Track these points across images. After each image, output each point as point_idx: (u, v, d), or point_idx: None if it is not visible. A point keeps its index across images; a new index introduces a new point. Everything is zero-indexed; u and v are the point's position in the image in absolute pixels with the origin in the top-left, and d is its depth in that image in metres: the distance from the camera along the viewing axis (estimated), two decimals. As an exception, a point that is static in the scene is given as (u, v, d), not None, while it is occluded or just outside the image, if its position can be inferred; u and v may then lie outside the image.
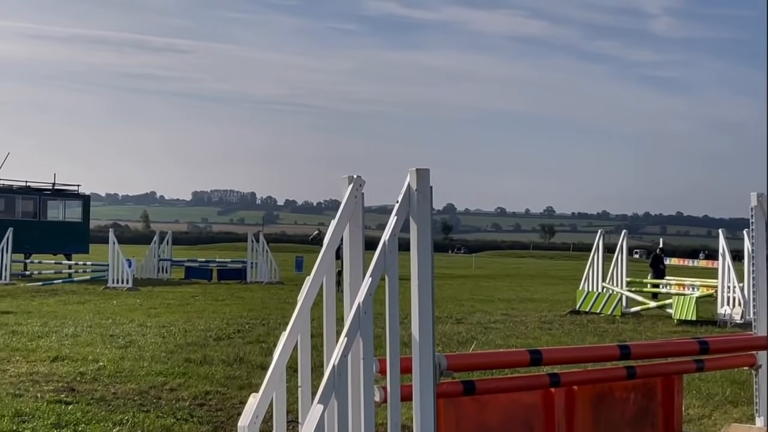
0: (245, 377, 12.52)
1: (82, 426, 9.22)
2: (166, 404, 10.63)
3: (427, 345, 6.35)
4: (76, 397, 10.90)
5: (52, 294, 29.07)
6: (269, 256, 39.51)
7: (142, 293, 30.05)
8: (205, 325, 19.23)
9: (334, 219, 6.66)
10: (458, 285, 40.99)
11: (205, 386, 11.75)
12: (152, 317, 21.08)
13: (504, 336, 18.63)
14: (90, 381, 12.06)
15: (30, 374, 12.47)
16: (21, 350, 14.84)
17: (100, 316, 21.03)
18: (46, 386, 11.55)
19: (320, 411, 5.86)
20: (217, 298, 28.50)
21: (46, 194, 42.82)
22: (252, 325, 19.45)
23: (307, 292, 6.56)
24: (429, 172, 6.44)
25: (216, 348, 15.54)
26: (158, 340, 16.50)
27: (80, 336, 17.04)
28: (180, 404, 10.64)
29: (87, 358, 13.91)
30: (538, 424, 7.71)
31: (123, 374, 12.58)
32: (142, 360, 13.93)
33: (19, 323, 19.14)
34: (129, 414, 9.90)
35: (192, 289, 33.00)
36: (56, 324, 19.05)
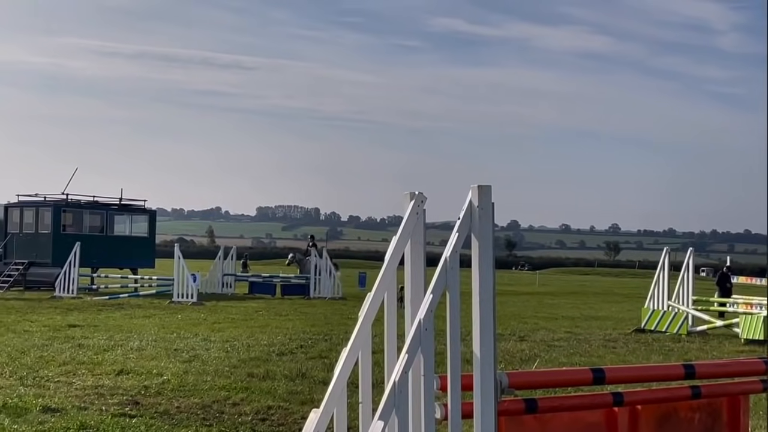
0: (307, 392, 12.55)
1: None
2: (229, 419, 10.70)
3: (489, 362, 6.32)
4: (140, 410, 11.01)
5: (118, 308, 29.41)
6: (333, 272, 39.62)
7: (207, 308, 30.28)
8: (268, 340, 19.32)
9: (395, 235, 6.67)
10: (521, 302, 40.77)
11: (268, 401, 11.80)
12: (216, 332, 21.23)
13: (567, 354, 18.48)
14: (154, 395, 12.18)
15: (95, 387, 12.62)
16: (87, 363, 15.03)
17: (164, 330, 21.23)
18: (111, 399, 11.68)
19: (381, 427, 5.85)
20: (281, 313, 28.62)
21: (114, 209, 43.35)
22: (314, 341, 19.50)
23: (369, 308, 6.56)
24: (491, 188, 6.43)
25: (279, 363, 15.60)
26: (222, 355, 16.61)
27: (145, 350, 17.22)
28: (242, 419, 10.71)
29: (151, 372, 14.05)
30: (601, 444, 7.63)
31: (186, 388, 12.68)
32: (205, 374, 14.03)
33: (85, 336, 19.39)
34: (192, 428, 9.99)
35: (256, 304, 33.18)
36: (122, 338, 19.26)
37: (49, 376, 13.57)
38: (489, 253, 6.37)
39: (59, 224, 40.73)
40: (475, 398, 6.35)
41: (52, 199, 41.55)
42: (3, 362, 14.95)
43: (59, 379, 13.25)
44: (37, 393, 11.94)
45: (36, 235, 40.86)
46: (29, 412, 10.49)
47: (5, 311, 26.62)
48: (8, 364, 14.78)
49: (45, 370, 14.20)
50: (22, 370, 14.03)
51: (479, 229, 6.34)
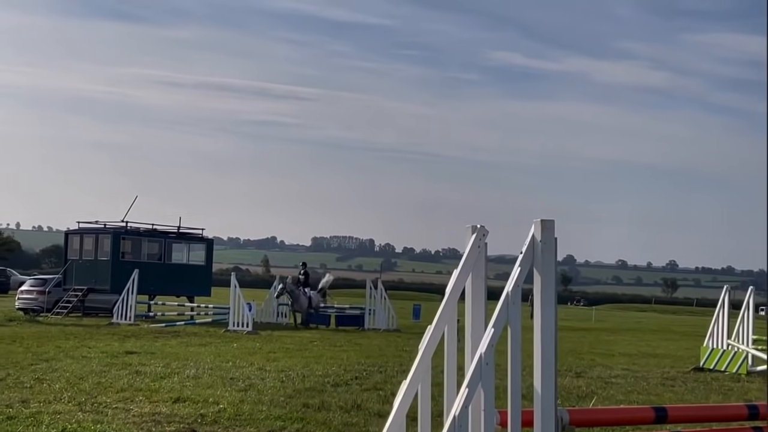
0: (363, 424, 12.52)
1: (203, 467, 9.33)
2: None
3: (549, 398, 6.28)
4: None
5: (175, 335, 29.62)
6: (387, 304, 39.57)
7: (262, 337, 30.39)
8: (323, 371, 19.34)
9: (456, 268, 6.67)
10: (578, 338, 40.41)
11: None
12: (271, 361, 21.28)
13: (625, 392, 18.26)
14: (210, 423, 12.22)
15: (152, 414, 12.69)
16: (144, 390, 15.13)
17: (220, 359, 21.32)
18: (168, 427, 11.74)
19: (440, 462, 5.83)
20: (335, 344, 28.62)
21: (171, 237, 43.71)
22: (369, 372, 19.47)
23: (429, 340, 6.56)
24: (554, 223, 6.42)
25: (334, 394, 15.60)
26: (277, 384, 16.64)
27: (201, 378, 17.31)
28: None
29: (208, 400, 14.10)
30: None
31: (242, 417, 12.71)
32: (261, 404, 14.06)
33: (142, 363, 19.54)
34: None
35: (310, 334, 33.24)
36: (178, 365, 19.38)
37: (107, 402, 13.68)
38: (551, 288, 6.34)
39: (118, 251, 41.14)
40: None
41: (111, 226, 42.01)
42: (62, 388, 15.11)
43: (117, 406, 13.35)
44: (95, 419, 12.04)
45: (95, 262, 41.31)
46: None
47: (64, 337, 26.95)
48: (67, 389, 14.93)
49: (103, 396, 14.32)
50: (81, 396, 14.16)
51: (542, 264, 6.32)
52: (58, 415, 12.27)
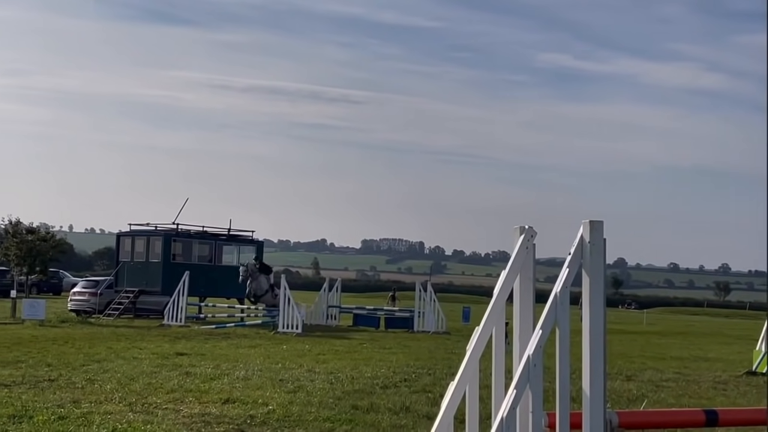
0: (411, 426, 12.52)
1: (251, 468, 9.37)
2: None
3: (598, 401, 6.24)
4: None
5: (225, 337, 29.79)
6: (436, 306, 39.51)
7: (311, 339, 30.47)
8: (372, 373, 19.35)
9: (504, 270, 6.64)
10: (629, 341, 40.10)
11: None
12: (320, 363, 21.34)
13: (676, 395, 18.10)
14: (259, 424, 12.28)
15: (202, 415, 12.77)
16: (194, 391, 15.24)
17: (270, 361, 21.42)
18: (217, 428, 11.81)
19: (487, 464, 5.81)
20: (384, 346, 28.63)
21: (222, 239, 43.97)
22: (418, 375, 19.47)
23: (476, 342, 6.54)
24: (602, 224, 6.37)
25: (383, 396, 15.61)
26: (326, 386, 16.68)
27: (251, 379, 17.40)
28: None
29: (257, 402, 14.18)
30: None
31: (291, 419, 12.76)
32: (310, 405, 14.10)
33: (192, 365, 19.68)
34: (296, 458, 10.03)
35: (359, 336, 33.27)
36: (228, 367, 19.49)
37: (157, 402, 13.79)
38: (600, 290, 6.30)
39: (169, 253, 41.43)
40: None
41: (162, 228, 42.33)
42: (113, 388, 15.26)
43: (167, 406, 13.45)
44: (145, 419, 12.14)
45: (146, 264, 41.64)
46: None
47: (115, 338, 27.22)
48: (118, 390, 15.08)
49: (153, 396, 14.44)
50: (131, 397, 14.29)
51: (590, 265, 6.28)
52: (108, 415, 12.39)
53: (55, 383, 15.78)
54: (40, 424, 11.38)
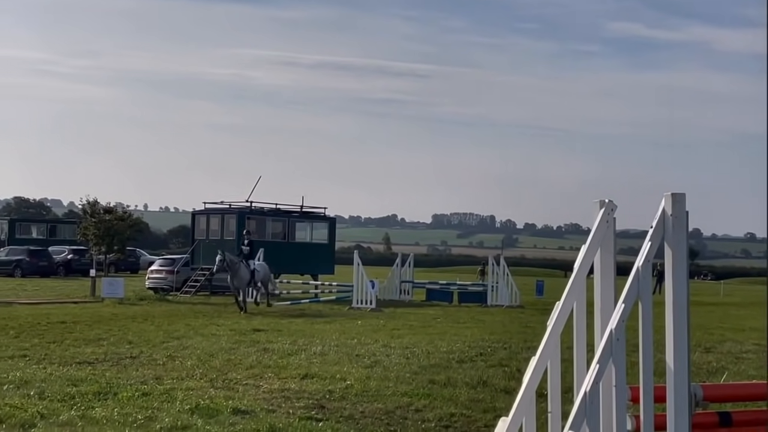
0: (489, 400, 12.55)
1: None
2: (412, 425, 10.79)
3: (682, 374, 6.19)
4: (326, 414, 11.23)
5: (300, 313, 30.06)
6: (510, 280, 39.39)
7: (385, 314, 30.60)
8: (448, 348, 19.39)
9: (585, 244, 6.60)
10: (706, 313, 39.60)
11: (450, 408, 11.85)
12: (395, 338, 21.42)
13: (756, 367, 17.86)
14: (338, 399, 12.39)
15: (281, 391, 12.93)
16: (273, 367, 15.42)
17: (345, 336, 21.55)
18: (297, 403, 11.95)
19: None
20: (458, 320, 28.66)
21: (295, 216, 44.19)
22: (494, 349, 19.46)
23: (557, 316, 6.52)
24: (684, 196, 6.31)
25: (459, 370, 15.65)
26: (402, 361, 16.76)
27: (327, 355, 17.54)
28: (426, 425, 10.78)
29: (335, 377, 14.30)
30: (799, 461, 7.37)
31: (369, 393, 12.85)
32: (387, 380, 14.19)
33: (269, 341, 19.89)
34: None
35: (433, 311, 33.31)
36: (304, 342, 19.67)
37: (237, 378, 13.99)
38: (683, 263, 6.24)
39: (244, 231, 41.75)
40: (669, 410, 6.23)
41: (236, 206, 42.67)
42: (193, 365, 15.50)
43: (247, 382, 13.65)
44: (226, 395, 12.32)
45: (221, 242, 41.89)
46: (220, 414, 10.84)
47: (193, 315, 27.57)
48: (198, 366, 15.31)
49: (233, 372, 14.65)
50: (212, 373, 14.50)
51: (673, 238, 6.22)
52: (190, 391, 12.60)
53: (137, 360, 16.07)
54: (124, 400, 11.61)
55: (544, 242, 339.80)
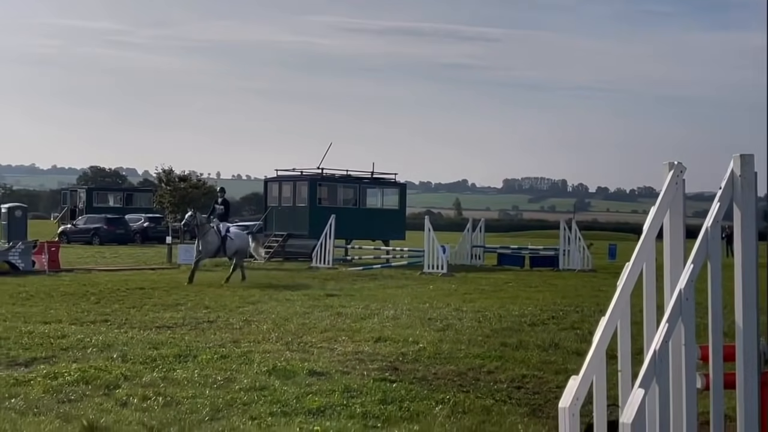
0: (561, 362, 12.64)
1: (407, 403, 9.66)
2: (485, 386, 10.94)
3: (752, 332, 6.27)
4: (399, 376, 11.42)
5: (372, 278, 30.26)
6: (582, 244, 39.22)
7: (457, 279, 30.72)
8: (519, 311, 19.47)
9: (654, 206, 6.67)
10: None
11: (522, 370, 11.97)
12: (467, 302, 21.54)
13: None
14: (411, 361, 12.58)
15: (355, 353, 13.14)
16: (346, 330, 15.66)
17: (417, 300, 21.72)
18: (371, 365, 12.15)
19: (641, 395, 5.91)
20: (530, 284, 28.68)
21: (366, 182, 44.31)
22: (566, 312, 19.50)
23: (627, 277, 6.61)
24: (753, 157, 6.35)
25: (531, 333, 15.74)
26: (474, 324, 16.90)
27: (400, 318, 17.73)
28: (498, 386, 10.92)
29: (407, 340, 14.48)
30: None
31: (442, 356, 13.02)
32: (459, 343, 14.35)
33: (342, 305, 20.12)
34: (449, 394, 10.28)
35: (504, 275, 33.33)
36: (377, 307, 19.86)
37: (312, 341, 14.24)
38: (752, 224, 6.30)
39: (315, 197, 42.02)
40: (738, 368, 6.31)
41: (308, 173, 42.94)
42: (269, 328, 15.79)
43: (321, 345, 13.88)
44: (302, 357, 12.57)
45: (293, 208, 42.34)
46: (297, 375, 11.08)
47: (267, 281, 27.91)
48: (273, 330, 15.59)
49: (308, 336, 14.90)
50: (287, 336, 14.77)
51: (742, 200, 6.28)
52: (267, 353, 12.86)
53: (214, 324, 16.40)
54: (204, 362, 11.91)
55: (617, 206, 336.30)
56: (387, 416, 9.08)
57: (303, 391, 10.16)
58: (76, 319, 16.82)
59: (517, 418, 9.23)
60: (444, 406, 9.57)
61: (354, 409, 9.33)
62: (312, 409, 9.26)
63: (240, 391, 10.10)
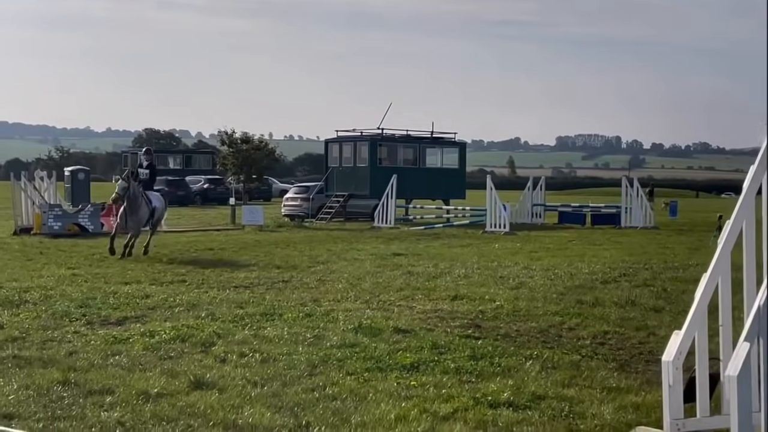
0: (640, 319, 12.78)
1: (497, 359, 9.88)
2: (568, 342, 11.13)
3: None
4: (483, 333, 11.64)
5: (435, 237, 30.49)
6: (644, 201, 39.11)
7: (520, 237, 30.84)
8: (589, 269, 19.57)
9: (753, 164, 6.78)
10: None
11: (602, 326, 12.13)
12: (535, 260, 21.69)
13: None
14: (491, 319, 12.78)
15: (434, 311, 13.38)
16: (421, 289, 15.88)
17: (485, 259, 21.90)
18: (452, 322, 12.37)
19: (747, 348, 6.07)
20: (594, 242, 28.74)
21: (426, 142, 44.33)
22: (636, 270, 19.52)
23: (728, 234, 6.75)
24: None
25: (604, 290, 15.87)
26: (547, 282, 17.04)
27: (472, 277, 17.92)
28: (581, 342, 11.11)
29: (484, 298, 14.67)
30: None
31: (520, 313, 13.21)
32: (535, 300, 14.52)
33: (411, 264, 20.37)
34: (536, 350, 10.48)
35: (567, 233, 33.39)
36: (446, 266, 20.07)
37: (390, 300, 14.49)
38: None
39: (376, 158, 42.16)
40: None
41: (368, 134, 43.05)
42: (344, 287, 16.06)
43: (400, 303, 14.12)
44: (384, 315, 12.81)
45: (354, 169, 42.54)
46: (383, 333, 11.33)
47: (332, 241, 28.27)
48: (349, 289, 15.85)
49: (384, 294, 15.14)
50: (365, 295, 15.03)
51: None
52: (349, 312, 13.13)
53: (290, 284, 16.68)
54: (290, 321, 12.19)
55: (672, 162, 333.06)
56: (480, 371, 9.31)
57: (392, 347, 10.40)
58: (155, 280, 17.20)
59: (607, 372, 9.42)
60: (534, 362, 9.77)
61: (447, 364, 9.57)
62: (405, 365, 9.51)
63: (332, 347, 10.38)
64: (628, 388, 8.71)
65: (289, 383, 8.74)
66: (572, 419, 7.66)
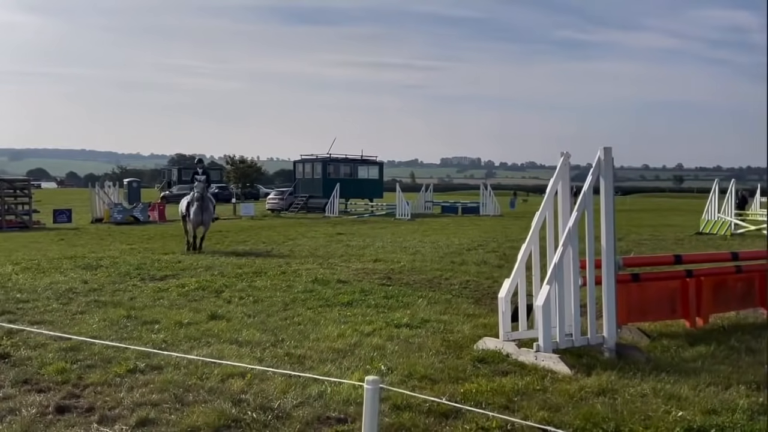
0: (489, 272, 13.02)
1: (401, 298, 10.03)
2: (445, 287, 11.31)
3: (611, 251, 6.72)
4: (392, 282, 11.76)
5: (363, 223, 30.48)
6: (493, 198, 39.57)
7: (417, 222, 30.93)
8: (459, 242, 19.78)
9: (551, 177, 7.04)
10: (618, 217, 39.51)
11: (466, 277, 12.33)
12: (426, 236, 21.83)
13: (651, 249, 18.26)
14: (398, 273, 12.92)
15: (362, 269, 13.44)
16: (355, 255, 15.94)
17: (395, 236, 21.99)
18: (374, 276, 12.46)
19: (547, 290, 6.38)
20: (462, 225, 28.94)
21: (358, 162, 44.13)
22: (487, 241, 19.71)
23: (537, 220, 7.02)
24: (611, 149, 6.72)
25: (468, 255, 16.09)
26: (432, 251, 17.18)
27: (386, 247, 18.00)
28: (452, 287, 11.28)
29: (393, 260, 14.79)
30: (678, 301, 7.91)
31: (416, 270, 13.36)
32: (425, 261, 14.69)
33: (349, 240, 20.37)
34: (424, 291, 10.67)
35: (446, 220, 33.59)
36: (370, 240, 20.12)
37: (335, 263, 14.51)
38: (610, 189, 6.73)
39: (326, 172, 41.98)
40: (603, 272, 6.77)
41: (321, 157, 42.83)
42: (306, 255, 16.08)
43: (341, 264, 14.16)
44: (330, 272, 12.85)
45: (312, 179, 42.29)
46: (330, 283, 11.42)
47: (298, 225, 28.11)
48: (309, 256, 15.86)
49: (331, 259, 15.17)
50: (318, 260, 15.06)
51: (605, 174, 6.70)
52: (309, 269, 13.16)
53: (272, 253, 16.61)
54: (272, 276, 12.22)
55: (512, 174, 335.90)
56: (389, 306, 9.46)
57: (335, 292, 10.50)
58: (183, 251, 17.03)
59: (468, 305, 9.63)
60: (423, 299, 9.96)
61: (369, 301, 9.71)
62: (344, 303, 9.65)
63: (298, 293, 10.44)
64: (480, 314, 8.89)
65: (271, 315, 8.83)
66: (446, 334, 7.85)
